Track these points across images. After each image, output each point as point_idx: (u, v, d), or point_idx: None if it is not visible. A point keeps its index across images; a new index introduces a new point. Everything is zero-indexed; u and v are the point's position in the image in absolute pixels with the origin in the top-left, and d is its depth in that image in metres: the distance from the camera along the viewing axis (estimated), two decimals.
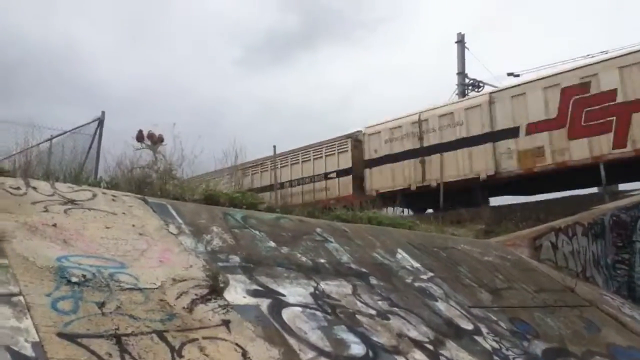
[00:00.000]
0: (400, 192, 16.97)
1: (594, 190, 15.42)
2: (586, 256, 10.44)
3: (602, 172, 14.40)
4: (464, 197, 15.73)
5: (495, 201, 16.69)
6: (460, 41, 26.11)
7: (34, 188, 4.57)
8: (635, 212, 11.83)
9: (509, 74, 24.69)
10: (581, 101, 14.38)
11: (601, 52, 17.25)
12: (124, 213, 4.73)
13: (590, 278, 10.20)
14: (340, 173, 19.20)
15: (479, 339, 5.20)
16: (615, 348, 6.63)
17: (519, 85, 16.30)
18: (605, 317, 7.79)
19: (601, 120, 14.06)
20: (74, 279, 3.48)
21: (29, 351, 2.74)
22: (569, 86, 14.62)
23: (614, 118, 13.92)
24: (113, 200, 4.93)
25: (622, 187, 16.00)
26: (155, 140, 7.10)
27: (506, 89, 16.68)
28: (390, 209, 14.72)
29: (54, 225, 4.06)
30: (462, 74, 26.14)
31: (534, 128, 15.11)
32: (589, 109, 14.24)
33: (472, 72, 28.33)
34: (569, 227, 10.40)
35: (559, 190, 16.24)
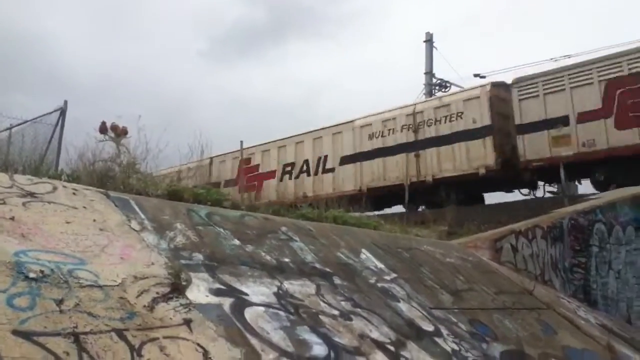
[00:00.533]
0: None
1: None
2: (545, 259, 10.70)
3: (562, 174, 14.80)
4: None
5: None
6: (429, 40, 26.44)
7: None
8: (593, 216, 12.17)
9: (476, 75, 25.17)
10: None
11: (565, 56, 17.75)
12: (84, 207, 4.62)
13: (548, 281, 10.46)
14: None
15: (439, 340, 5.27)
16: (570, 350, 6.82)
17: None
18: (562, 320, 8.00)
19: None
20: (31, 275, 3.38)
21: None
22: None
23: None
24: (74, 194, 4.81)
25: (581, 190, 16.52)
26: (119, 133, 6.97)
27: None
28: None
29: (12, 218, 3.94)
30: (429, 73, 26.47)
31: None
32: None
33: (441, 71, 28.71)
34: (529, 230, 10.63)
35: None
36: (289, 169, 20.65)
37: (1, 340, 2.77)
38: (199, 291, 4.14)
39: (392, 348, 4.66)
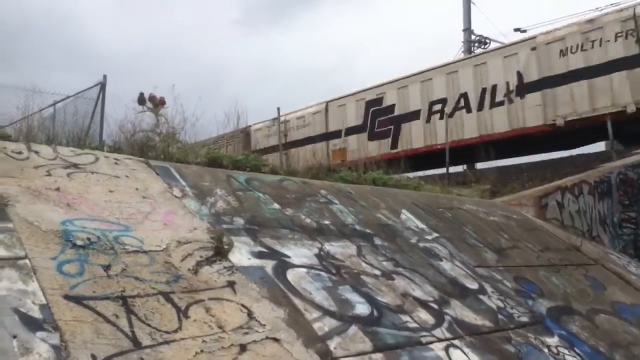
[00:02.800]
0: None
1: (602, 148, 15.23)
2: (592, 215, 10.43)
3: (610, 129, 14.19)
4: None
5: (501, 161, 16.30)
6: None
7: (36, 152, 4.54)
8: None
9: (516, 30, 24.31)
10: None
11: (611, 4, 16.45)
12: (127, 176, 4.71)
13: (596, 237, 10.21)
14: None
15: (483, 298, 5.23)
16: (620, 305, 6.67)
17: None
18: (611, 276, 7.82)
19: None
20: (78, 242, 3.49)
21: (36, 313, 2.77)
22: None
23: None
24: (116, 163, 4.91)
25: None
26: (157, 103, 7.02)
27: None
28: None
29: (57, 189, 4.05)
30: (468, 30, 25.68)
31: None
32: None
33: (479, 28, 27.81)
34: (575, 186, 10.35)
35: None
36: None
37: (54, 305, 2.88)
38: (241, 254, 4.19)
39: (435, 306, 4.64)
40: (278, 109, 15.22)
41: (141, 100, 7.21)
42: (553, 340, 4.96)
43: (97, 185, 4.36)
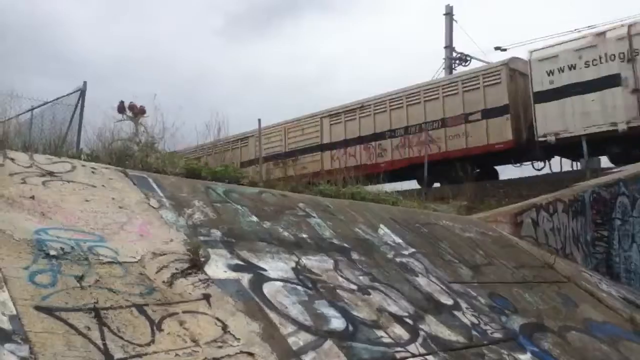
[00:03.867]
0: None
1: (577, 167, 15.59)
2: (566, 233, 10.59)
3: (585, 148, 14.56)
4: None
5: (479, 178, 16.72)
6: (449, 13, 25.91)
7: (12, 159, 4.49)
8: (616, 189, 11.98)
9: (497, 48, 24.75)
10: None
11: (589, 26, 17.21)
12: (103, 186, 4.67)
13: (569, 255, 10.36)
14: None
15: (458, 313, 5.27)
16: (591, 323, 6.77)
17: None
18: (583, 293, 7.94)
19: None
20: (52, 252, 3.44)
21: (6, 324, 2.73)
22: None
23: None
24: (93, 172, 4.86)
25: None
26: (137, 112, 6.99)
27: None
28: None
29: (32, 197, 4.00)
30: (449, 47, 26.03)
31: None
32: None
33: (460, 44, 28.22)
34: (550, 204, 10.51)
35: None
36: None
37: (24, 315, 2.83)
38: (218, 267, 4.18)
39: (410, 321, 4.67)
40: (259, 120, 15.23)
41: (121, 108, 7.18)
42: (525, 357, 5.02)
43: (73, 195, 4.32)
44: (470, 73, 18.00)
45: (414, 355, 4.14)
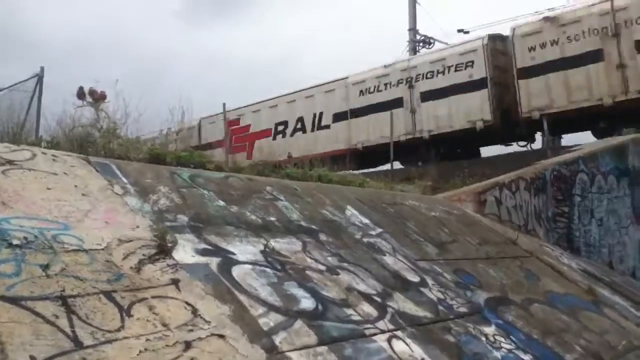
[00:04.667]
0: None
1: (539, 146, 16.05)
2: (528, 210, 10.89)
3: (545, 126, 14.95)
4: None
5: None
6: None
7: None
8: (575, 166, 12.36)
9: (459, 31, 25.00)
10: None
11: (548, 8, 17.61)
12: (65, 173, 4.58)
13: (532, 230, 10.67)
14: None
15: (424, 290, 5.39)
16: (553, 295, 7.01)
17: None
18: (545, 267, 8.20)
19: None
20: (15, 242, 3.37)
21: None
22: None
23: None
24: (54, 160, 4.76)
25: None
26: (97, 98, 6.85)
27: None
28: None
29: None
30: (413, 30, 26.17)
31: None
32: None
33: (424, 28, 28.38)
34: (512, 182, 10.78)
35: None
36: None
37: None
38: (185, 252, 4.16)
39: (378, 299, 4.75)
40: (224, 104, 15.07)
41: (81, 94, 7.03)
42: (490, 330, 5.17)
43: (34, 183, 4.22)
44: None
45: (382, 332, 4.23)
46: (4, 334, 2.63)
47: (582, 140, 15.54)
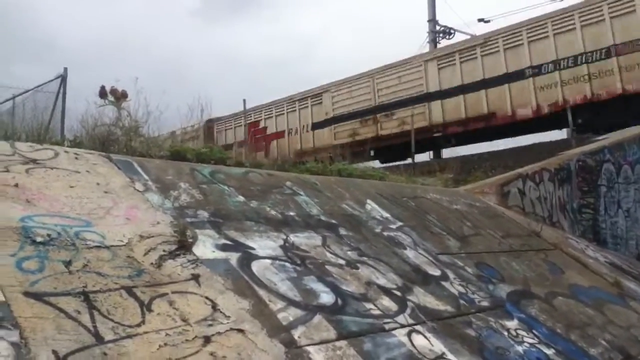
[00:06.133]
0: None
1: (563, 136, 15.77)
2: (552, 201, 10.73)
3: (570, 117, 14.67)
4: None
5: (464, 150, 16.90)
6: None
7: None
8: (601, 156, 12.14)
9: (480, 20, 24.69)
10: None
11: None
12: (87, 171, 4.66)
13: (556, 223, 10.52)
14: None
15: (445, 284, 5.35)
16: (577, 288, 6.91)
17: None
18: (569, 260, 8.08)
19: None
20: (38, 239, 3.45)
21: None
22: None
23: None
24: (76, 158, 4.84)
25: None
26: (119, 96, 6.92)
27: None
28: None
29: (16, 185, 3.98)
30: (432, 20, 25.90)
31: None
32: None
33: (443, 18, 28.12)
34: (536, 174, 10.63)
35: None
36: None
37: (13, 302, 2.85)
38: (206, 247, 4.20)
39: (398, 293, 4.74)
40: (244, 100, 15.17)
41: (102, 93, 7.10)
42: (512, 324, 5.12)
43: (57, 181, 4.31)
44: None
45: (402, 326, 4.22)
46: (28, 329, 2.69)
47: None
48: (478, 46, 16.98)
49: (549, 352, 4.88)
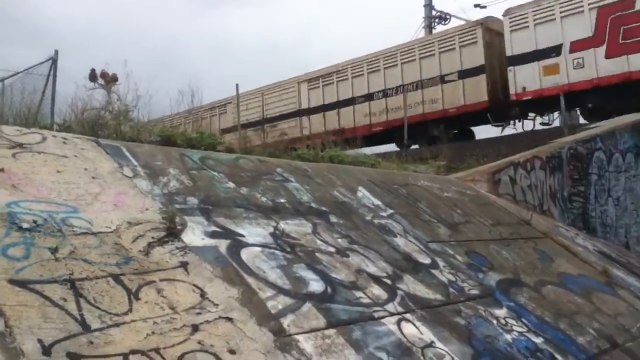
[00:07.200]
0: None
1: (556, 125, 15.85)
2: (543, 189, 10.76)
3: (562, 103, 14.72)
4: None
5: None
6: None
7: None
8: (592, 144, 12.16)
9: (476, 6, 24.55)
10: None
11: None
12: (75, 156, 4.60)
13: (546, 211, 10.55)
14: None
15: (435, 272, 5.36)
16: (566, 276, 6.95)
17: None
18: (559, 248, 8.12)
19: None
20: (24, 225, 3.40)
21: None
22: None
23: None
24: (64, 143, 4.78)
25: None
26: (109, 80, 6.86)
27: None
28: None
29: (1, 170, 3.92)
30: (429, 5, 25.72)
31: None
32: None
33: (440, 3, 27.97)
34: (528, 161, 10.64)
35: None
36: None
37: None
38: (195, 234, 4.17)
39: (388, 281, 4.74)
40: (237, 85, 15.03)
41: (92, 76, 7.04)
42: (502, 312, 5.15)
43: (44, 166, 4.25)
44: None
45: (392, 314, 4.22)
46: (12, 318, 2.65)
47: None
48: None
49: (538, 340, 4.91)
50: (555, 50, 15.60)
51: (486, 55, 17.13)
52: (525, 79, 16.15)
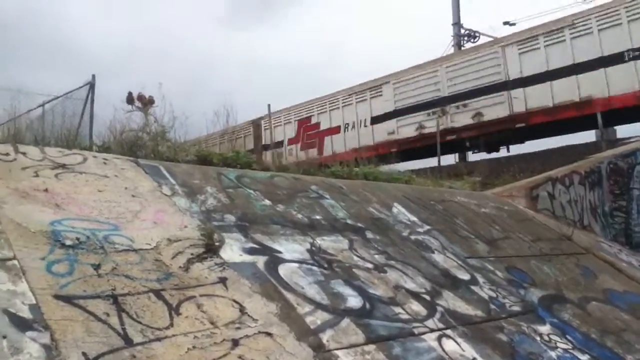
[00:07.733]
0: None
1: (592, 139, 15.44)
2: (583, 204, 10.50)
3: (600, 119, 14.37)
4: None
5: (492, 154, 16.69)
6: None
7: (23, 153, 4.51)
8: (632, 159, 11.85)
9: (505, 23, 24.41)
10: None
11: None
12: (115, 175, 4.69)
13: (587, 226, 10.28)
14: None
15: (475, 288, 5.25)
16: (612, 293, 6.73)
17: None
18: (602, 264, 7.88)
19: None
20: (68, 242, 3.47)
21: (26, 313, 2.76)
22: None
23: None
24: (104, 163, 4.89)
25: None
26: (146, 102, 7.00)
27: None
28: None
29: (45, 190, 4.03)
30: (457, 24, 25.68)
31: None
32: None
33: (468, 21, 27.90)
34: (566, 177, 10.42)
35: None
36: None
37: (43, 304, 2.86)
38: (233, 251, 4.19)
39: (427, 297, 4.66)
40: (269, 105, 15.23)
41: (130, 99, 7.19)
42: (545, 329, 5.00)
43: (86, 185, 4.34)
44: None
45: (432, 330, 4.14)
46: (58, 332, 2.70)
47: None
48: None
49: (584, 358, 4.74)
50: None
51: None
52: None
